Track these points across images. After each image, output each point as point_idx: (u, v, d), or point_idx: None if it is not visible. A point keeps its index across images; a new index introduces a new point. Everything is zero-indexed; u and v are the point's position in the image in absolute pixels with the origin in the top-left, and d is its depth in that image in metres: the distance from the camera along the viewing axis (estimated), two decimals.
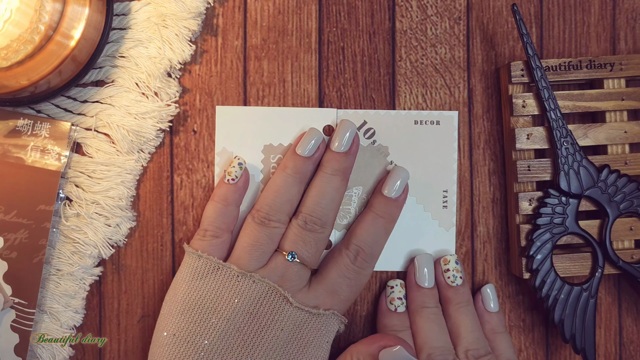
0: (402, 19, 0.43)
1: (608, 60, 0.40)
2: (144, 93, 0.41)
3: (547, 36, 0.43)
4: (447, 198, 0.42)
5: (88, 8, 0.37)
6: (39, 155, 0.39)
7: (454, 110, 0.43)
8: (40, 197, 0.39)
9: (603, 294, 0.43)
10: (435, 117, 0.42)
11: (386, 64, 0.43)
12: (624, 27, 0.43)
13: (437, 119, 0.42)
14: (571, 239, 0.40)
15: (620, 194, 0.40)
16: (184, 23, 0.40)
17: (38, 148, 0.39)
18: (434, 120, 0.42)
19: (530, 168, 0.40)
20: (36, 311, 0.40)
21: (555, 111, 0.39)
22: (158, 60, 0.40)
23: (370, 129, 0.42)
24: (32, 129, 0.39)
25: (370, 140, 0.42)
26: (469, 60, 0.43)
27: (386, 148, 0.42)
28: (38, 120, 0.40)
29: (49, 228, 0.39)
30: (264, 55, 0.42)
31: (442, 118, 0.42)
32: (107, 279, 0.42)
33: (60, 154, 0.39)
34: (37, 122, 0.40)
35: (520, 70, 0.40)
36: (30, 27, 0.35)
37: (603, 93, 0.40)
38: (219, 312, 0.37)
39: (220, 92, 0.42)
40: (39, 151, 0.39)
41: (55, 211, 0.39)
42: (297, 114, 0.42)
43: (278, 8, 0.42)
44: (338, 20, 0.42)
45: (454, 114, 0.42)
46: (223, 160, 0.42)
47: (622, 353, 0.43)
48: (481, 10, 0.43)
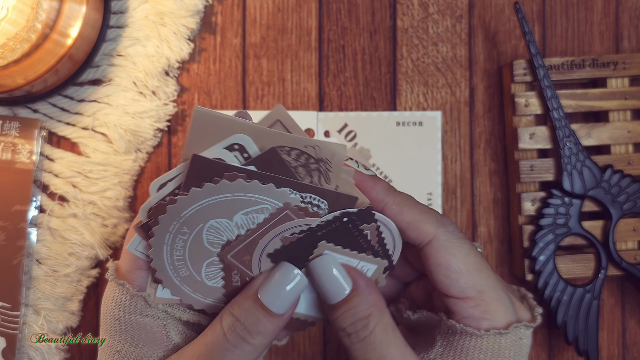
0: (403, 17, 0.42)
1: (611, 59, 0.40)
2: (141, 92, 0.40)
3: (550, 34, 0.43)
4: (431, 201, 0.42)
5: (85, 6, 0.37)
6: (10, 155, 0.39)
7: (455, 109, 0.42)
8: (15, 198, 0.38)
9: (606, 295, 0.42)
10: (418, 118, 0.42)
11: (387, 63, 0.42)
12: (627, 25, 0.43)
13: (420, 120, 0.42)
14: (574, 240, 0.40)
15: (624, 194, 0.39)
16: (182, 21, 0.40)
17: (9, 148, 0.39)
18: (417, 122, 0.42)
19: (532, 168, 0.40)
20: (31, 312, 0.40)
21: (558, 110, 0.39)
22: (156, 59, 0.40)
23: (351, 132, 0.42)
24: (1, 130, 0.39)
25: (352, 143, 0.41)
26: (470, 59, 0.42)
27: (368, 151, 0.41)
28: (7, 120, 0.39)
29: (26, 228, 0.38)
30: (263, 53, 0.42)
31: (424, 119, 0.42)
32: (104, 280, 0.41)
33: (31, 152, 0.39)
34: (5, 121, 0.39)
35: (523, 69, 0.40)
36: (27, 25, 0.35)
37: (606, 92, 0.40)
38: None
39: (219, 91, 0.42)
40: (10, 151, 0.39)
41: (40, 214, 0.39)
42: None
43: (277, 6, 0.42)
44: (338, 18, 0.42)
45: (437, 114, 0.42)
46: None
47: (626, 355, 0.42)
48: (483, 9, 0.42)
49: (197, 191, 0.26)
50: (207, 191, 0.26)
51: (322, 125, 0.41)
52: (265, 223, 0.27)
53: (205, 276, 0.28)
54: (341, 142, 0.41)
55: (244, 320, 0.27)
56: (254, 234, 0.27)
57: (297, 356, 0.42)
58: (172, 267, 0.28)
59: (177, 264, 0.28)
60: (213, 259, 0.28)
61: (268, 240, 0.27)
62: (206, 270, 0.28)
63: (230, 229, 0.27)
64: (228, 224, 0.27)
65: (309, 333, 0.42)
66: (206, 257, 0.28)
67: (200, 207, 0.26)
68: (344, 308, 0.28)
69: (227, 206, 0.26)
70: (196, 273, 0.28)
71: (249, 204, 0.26)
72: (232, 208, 0.26)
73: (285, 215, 0.27)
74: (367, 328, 0.27)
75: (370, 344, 0.27)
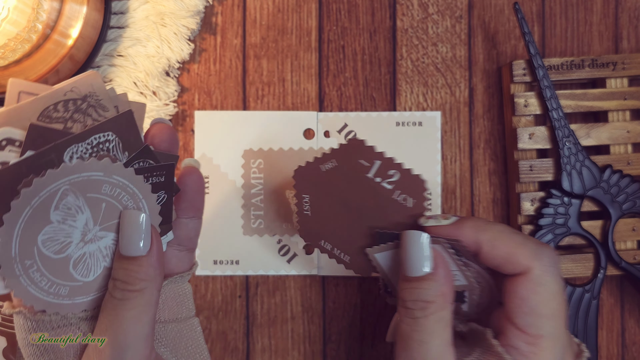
0: (403, 17, 0.42)
1: (610, 60, 0.40)
2: (142, 92, 0.40)
3: (549, 35, 0.43)
4: (431, 201, 0.42)
5: (86, 6, 0.37)
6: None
7: (455, 109, 0.42)
8: None
9: (605, 295, 0.42)
10: (418, 118, 0.42)
11: (387, 63, 0.42)
12: (626, 25, 0.43)
13: (419, 120, 0.42)
14: (573, 239, 0.40)
15: (623, 194, 0.39)
16: (183, 21, 0.40)
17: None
18: (416, 122, 0.42)
19: (532, 168, 0.40)
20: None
21: (557, 110, 0.39)
22: (156, 59, 0.40)
23: (351, 132, 0.42)
24: None
25: None
26: (470, 59, 0.42)
27: None
28: None
29: None
30: (263, 54, 0.42)
31: (424, 119, 0.42)
32: None
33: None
34: None
35: (522, 69, 0.40)
36: (27, 26, 0.35)
37: (605, 92, 0.40)
38: None
39: (219, 92, 0.42)
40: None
41: None
42: (277, 117, 0.42)
43: (277, 6, 0.42)
44: (338, 18, 0.42)
45: (436, 114, 0.42)
46: (203, 166, 0.41)
47: (625, 355, 0.42)
48: (482, 9, 0.43)
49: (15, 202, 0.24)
50: (23, 198, 0.24)
51: (322, 126, 0.42)
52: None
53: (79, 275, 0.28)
54: (341, 142, 0.41)
55: (120, 277, 0.27)
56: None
57: (297, 356, 0.42)
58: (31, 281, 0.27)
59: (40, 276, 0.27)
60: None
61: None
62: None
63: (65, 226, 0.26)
64: (59, 223, 0.26)
65: (309, 333, 0.42)
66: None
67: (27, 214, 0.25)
68: (415, 285, 0.28)
69: (44, 206, 0.25)
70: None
71: (55, 197, 0.25)
72: (49, 206, 0.25)
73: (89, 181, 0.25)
74: (424, 311, 0.28)
75: (419, 326, 0.28)
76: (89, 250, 0.27)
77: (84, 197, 0.26)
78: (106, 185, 0.26)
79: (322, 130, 0.42)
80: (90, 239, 0.27)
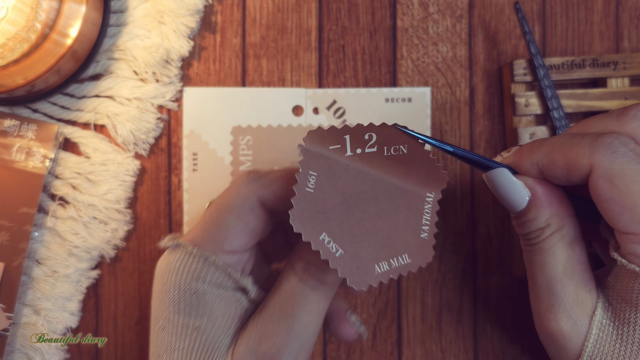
0: (403, 16, 0.42)
1: (611, 59, 0.40)
2: (142, 79, 0.40)
3: (550, 34, 0.43)
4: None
5: (85, 5, 0.36)
6: (24, 157, 0.39)
7: (455, 109, 0.42)
8: (23, 200, 0.38)
9: None
10: (407, 95, 0.42)
11: (387, 63, 0.42)
12: (627, 25, 0.43)
13: (409, 96, 0.42)
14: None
15: None
16: (182, 20, 0.40)
17: (24, 150, 0.39)
18: (405, 98, 0.42)
19: None
20: (31, 312, 0.39)
21: (558, 110, 0.39)
22: (154, 49, 0.40)
23: (340, 108, 0.42)
24: (18, 130, 0.39)
25: (341, 120, 0.42)
26: (470, 59, 0.42)
27: None
28: (25, 122, 0.39)
29: (30, 231, 0.38)
30: (263, 53, 0.42)
31: (413, 95, 0.42)
32: (104, 281, 0.41)
33: (45, 157, 0.39)
34: (24, 123, 0.39)
35: (523, 69, 0.40)
36: (26, 25, 0.35)
37: (606, 92, 0.40)
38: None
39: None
40: (25, 153, 0.39)
41: (39, 214, 0.39)
42: (266, 93, 0.41)
43: (277, 5, 0.42)
44: (338, 17, 0.42)
45: (426, 90, 0.42)
46: (192, 143, 0.41)
47: None
48: (483, 8, 0.42)
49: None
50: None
51: (311, 102, 0.42)
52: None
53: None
54: (330, 119, 0.41)
55: (316, 260, 0.26)
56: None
57: None
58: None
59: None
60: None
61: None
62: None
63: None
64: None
65: None
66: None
67: None
68: (523, 218, 0.27)
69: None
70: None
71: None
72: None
73: None
74: (540, 237, 0.27)
75: (538, 249, 0.27)
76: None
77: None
78: None
79: (311, 107, 0.42)
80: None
